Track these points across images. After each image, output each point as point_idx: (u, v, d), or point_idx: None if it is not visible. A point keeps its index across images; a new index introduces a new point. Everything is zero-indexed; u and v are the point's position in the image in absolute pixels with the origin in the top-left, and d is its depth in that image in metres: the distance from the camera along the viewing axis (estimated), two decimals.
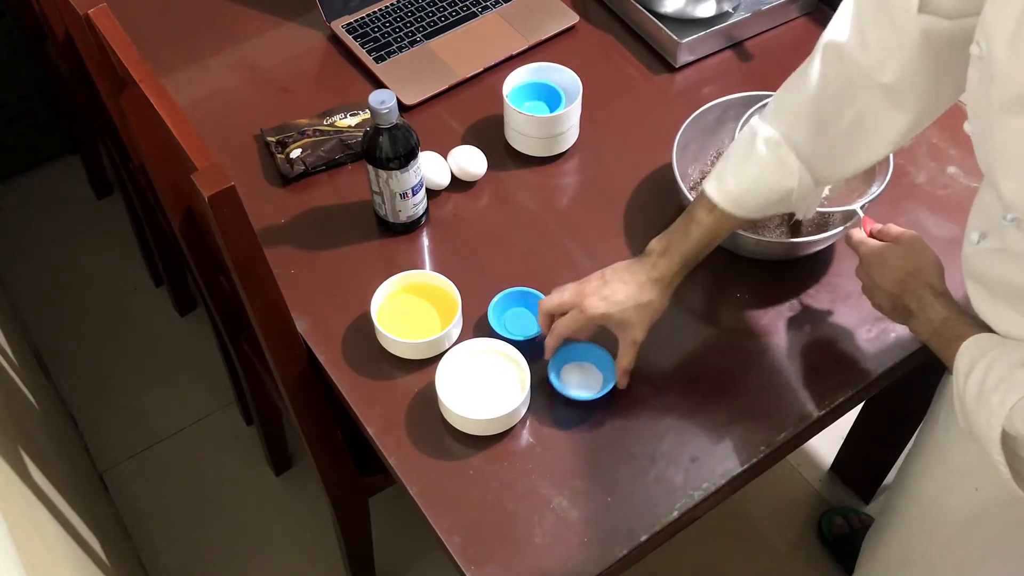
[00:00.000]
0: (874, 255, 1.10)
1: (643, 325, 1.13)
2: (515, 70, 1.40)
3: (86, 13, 1.10)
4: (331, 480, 1.47)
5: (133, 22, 1.55)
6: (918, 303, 1.05)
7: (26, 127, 2.35)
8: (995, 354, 0.93)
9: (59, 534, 1.34)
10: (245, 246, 1.04)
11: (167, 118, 1.03)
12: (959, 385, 0.96)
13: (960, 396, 0.96)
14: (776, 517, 1.90)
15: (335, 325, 1.24)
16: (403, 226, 1.32)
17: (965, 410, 0.96)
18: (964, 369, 0.96)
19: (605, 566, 1.05)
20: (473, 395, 1.13)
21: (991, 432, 0.91)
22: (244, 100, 1.50)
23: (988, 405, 0.91)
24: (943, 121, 1.44)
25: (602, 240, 1.32)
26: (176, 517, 1.92)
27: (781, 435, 1.15)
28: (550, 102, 1.41)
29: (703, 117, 1.32)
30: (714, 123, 1.35)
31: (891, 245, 1.10)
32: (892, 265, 1.08)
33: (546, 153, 1.40)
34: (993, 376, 0.92)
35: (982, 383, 0.93)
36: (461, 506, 1.09)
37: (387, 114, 1.18)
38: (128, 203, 2.04)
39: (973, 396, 0.93)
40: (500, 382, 1.14)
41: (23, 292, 2.25)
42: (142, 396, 2.08)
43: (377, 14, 1.57)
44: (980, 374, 0.93)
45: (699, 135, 1.34)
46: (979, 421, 0.93)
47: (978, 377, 0.93)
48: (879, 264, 1.09)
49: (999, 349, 0.94)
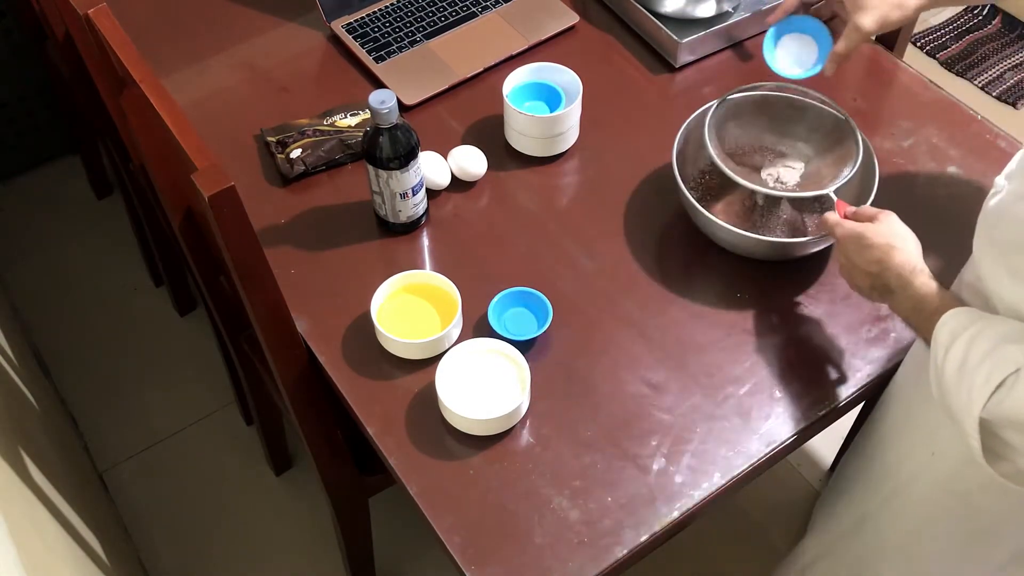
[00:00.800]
0: (852, 235, 1.10)
1: (876, 13, 1.11)
2: (515, 70, 1.40)
3: (86, 13, 1.10)
4: (331, 480, 1.47)
5: (133, 22, 1.55)
6: (897, 280, 1.05)
7: (26, 127, 2.35)
8: (978, 328, 0.93)
9: (59, 534, 1.34)
10: (245, 246, 1.04)
11: (167, 118, 1.03)
12: (938, 358, 0.96)
13: (938, 369, 0.96)
14: (776, 517, 1.90)
15: (335, 325, 1.24)
16: (403, 226, 1.32)
17: (943, 383, 0.96)
18: (944, 342, 0.96)
19: (605, 566, 1.05)
20: (473, 395, 1.13)
21: (971, 407, 0.91)
22: (244, 100, 1.50)
23: (971, 381, 0.91)
24: (943, 121, 1.45)
25: (602, 240, 1.32)
26: (176, 517, 1.92)
27: (780, 436, 1.15)
28: (550, 102, 1.41)
29: (703, 117, 1.32)
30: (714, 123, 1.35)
31: (868, 224, 1.10)
32: (870, 244, 1.08)
33: (546, 153, 1.40)
34: (977, 351, 0.92)
35: (964, 358, 0.93)
36: (461, 506, 1.09)
37: (387, 114, 1.18)
38: (128, 203, 2.04)
39: (953, 370, 0.93)
40: (500, 382, 1.14)
41: (23, 292, 2.25)
42: (142, 396, 2.08)
43: (377, 14, 1.57)
44: (962, 348, 0.93)
45: (699, 135, 1.33)
46: (958, 396, 0.93)
47: (959, 351, 0.93)
48: (857, 244, 1.09)
49: (982, 323, 0.94)
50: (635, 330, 1.23)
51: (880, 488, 1.24)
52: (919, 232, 1.10)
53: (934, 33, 2.78)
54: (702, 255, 1.31)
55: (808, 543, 1.47)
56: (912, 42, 2.73)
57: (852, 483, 1.32)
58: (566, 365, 1.20)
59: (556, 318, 1.22)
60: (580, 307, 1.25)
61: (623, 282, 1.28)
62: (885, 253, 1.06)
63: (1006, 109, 2.61)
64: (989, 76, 2.67)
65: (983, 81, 2.66)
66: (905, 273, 1.05)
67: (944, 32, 2.78)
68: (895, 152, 1.41)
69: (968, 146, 1.42)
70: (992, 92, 2.63)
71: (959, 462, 1.07)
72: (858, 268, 1.09)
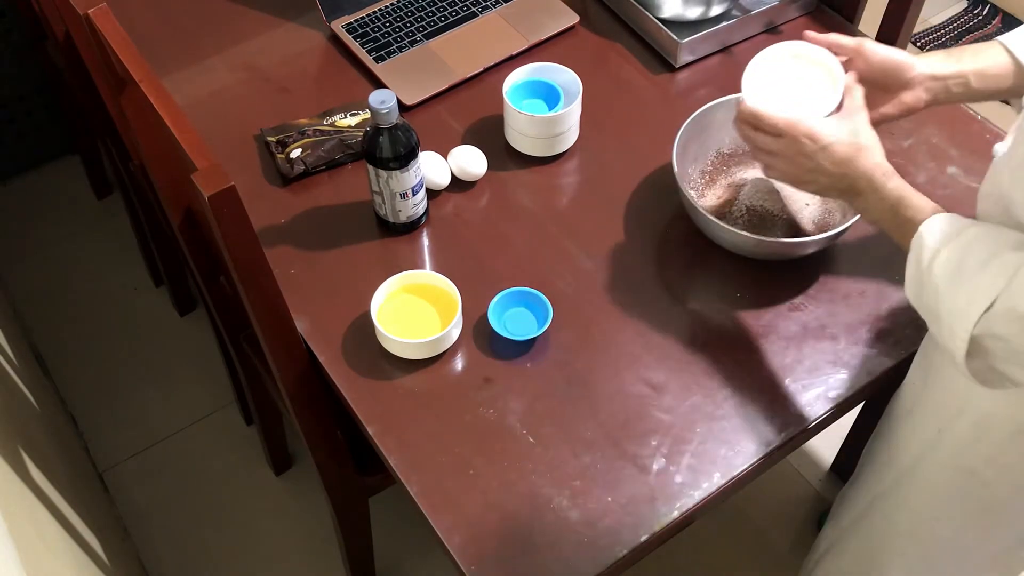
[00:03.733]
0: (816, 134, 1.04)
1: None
2: (515, 70, 1.40)
3: (86, 13, 1.10)
4: (331, 480, 1.47)
5: (133, 22, 1.55)
6: (868, 183, 1.03)
7: (26, 127, 2.35)
8: (974, 232, 0.92)
9: (59, 534, 1.34)
10: (245, 246, 1.04)
11: (167, 118, 1.03)
12: (923, 260, 0.95)
13: (923, 271, 0.95)
14: (776, 517, 1.90)
15: (335, 325, 1.24)
16: (403, 226, 1.32)
17: (926, 285, 0.94)
18: (932, 244, 0.94)
19: (605, 566, 1.05)
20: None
21: (969, 310, 0.89)
22: (244, 100, 1.50)
23: (974, 283, 0.89)
24: (943, 121, 1.45)
25: (602, 240, 1.32)
26: (176, 517, 1.92)
27: (781, 435, 1.15)
28: (550, 101, 1.41)
29: (703, 117, 1.32)
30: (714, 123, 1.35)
31: (832, 122, 1.06)
32: (838, 144, 1.04)
33: (546, 153, 1.40)
34: (974, 256, 0.90)
35: (960, 261, 0.91)
36: (461, 506, 1.09)
37: (387, 114, 1.18)
38: (128, 203, 2.04)
39: (947, 274, 0.92)
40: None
41: (23, 292, 2.25)
42: (142, 396, 2.08)
43: (377, 14, 1.57)
44: (956, 252, 0.92)
45: (699, 135, 1.34)
46: (953, 299, 0.91)
47: (953, 255, 0.92)
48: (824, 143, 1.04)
49: (977, 228, 0.93)
50: (635, 330, 1.23)
51: (889, 471, 1.24)
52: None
53: (934, 33, 2.78)
54: (702, 255, 1.31)
55: (823, 534, 1.48)
56: (912, 42, 2.73)
57: (862, 470, 1.33)
58: (566, 365, 1.20)
59: (556, 318, 1.22)
60: (580, 307, 1.25)
61: (623, 282, 1.28)
62: (854, 153, 1.04)
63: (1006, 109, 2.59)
64: None
65: None
66: (877, 175, 1.03)
67: (944, 32, 2.78)
68: (895, 152, 1.41)
69: (968, 146, 1.42)
70: None
71: (965, 438, 1.07)
72: (818, 167, 1.05)
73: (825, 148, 1.04)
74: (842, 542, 1.41)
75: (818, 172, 1.06)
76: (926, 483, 1.17)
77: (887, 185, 1.03)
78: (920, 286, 0.96)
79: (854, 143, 1.05)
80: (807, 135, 1.05)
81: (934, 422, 1.12)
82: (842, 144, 1.04)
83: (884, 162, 1.05)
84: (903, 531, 1.25)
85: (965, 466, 1.10)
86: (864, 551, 1.34)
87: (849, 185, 1.05)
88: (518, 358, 1.21)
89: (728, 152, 1.38)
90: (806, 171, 1.07)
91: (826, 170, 1.05)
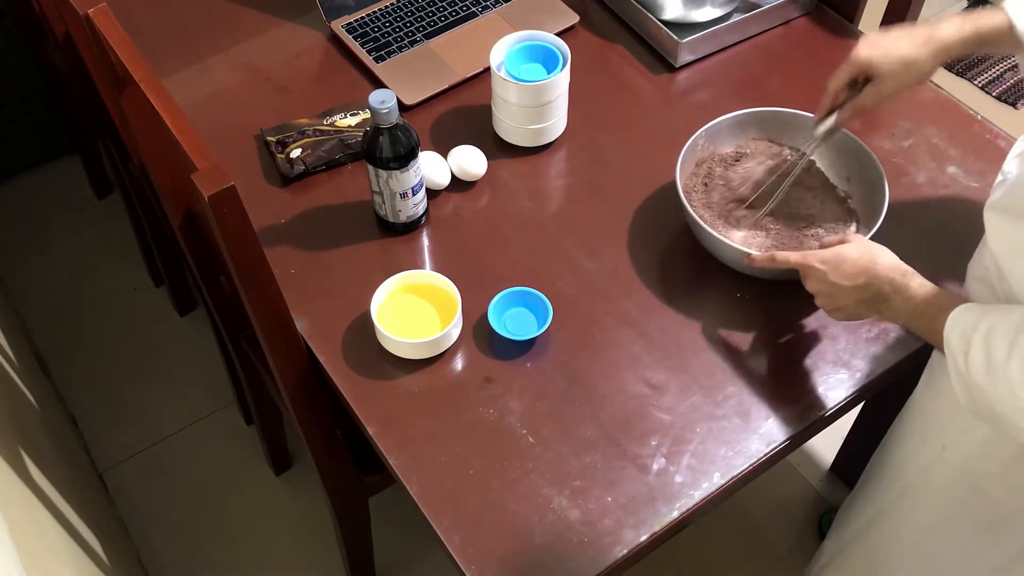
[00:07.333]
0: (829, 256, 1.08)
1: (896, 81, 1.12)
2: (498, 41, 1.36)
3: (86, 13, 1.10)
4: (331, 480, 1.47)
5: (133, 22, 1.55)
6: (891, 286, 1.04)
7: (26, 127, 2.35)
8: (989, 322, 0.93)
9: (59, 534, 1.34)
10: (245, 246, 1.04)
11: (167, 118, 1.03)
12: (958, 364, 0.95)
13: (962, 375, 0.95)
14: (776, 517, 1.90)
15: (335, 325, 1.24)
16: (403, 226, 1.32)
17: (972, 388, 0.94)
18: (959, 346, 0.95)
19: (605, 566, 1.05)
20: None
21: (1016, 403, 0.90)
22: (244, 100, 1.50)
23: (1007, 376, 0.90)
24: (943, 121, 1.45)
25: (602, 240, 1.32)
26: (176, 517, 1.92)
27: (780, 436, 1.15)
28: (548, 65, 1.37)
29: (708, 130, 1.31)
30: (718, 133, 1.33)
31: (841, 245, 1.09)
32: (852, 260, 1.06)
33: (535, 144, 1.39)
34: (999, 346, 0.91)
35: (988, 356, 0.91)
36: (461, 506, 1.09)
37: (387, 114, 1.18)
38: (128, 203, 2.04)
39: (981, 371, 0.92)
40: None
41: (23, 292, 2.25)
42: (142, 396, 2.08)
43: (377, 14, 1.57)
44: (981, 348, 0.92)
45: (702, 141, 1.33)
46: (996, 393, 0.92)
47: (980, 352, 0.92)
48: (837, 262, 1.07)
49: (991, 317, 0.93)
50: (635, 330, 1.23)
51: (893, 485, 1.24)
52: (919, 232, 1.10)
53: None
54: (702, 255, 1.30)
55: (826, 545, 1.47)
56: None
57: (867, 482, 1.33)
58: (566, 365, 1.20)
59: (556, 318, 1.22)
60: (580, 307, 1.25)
61: (623, 282, 1.28)
62: (869, 263, 1.06)
63: (1006, 109, 2.61)
64: (989, 76, 2.67)
65: (983, 81, 2.66)
66: (897, 277, 1.04)
67: None
68: (895, 152, 1.41)
69: (968, 146, 1.42)
70: (992, 92, 2.63)
71: (970, 455, 1.07)
72: (841, 287, 1.07)
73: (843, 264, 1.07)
74: (845, 554, 1.40)
75: (838, 290, 1.08)
76: (932, 498, 1.17)
77: (910, 285, 1.03)
78: (967, 391, 0.96)
79: (866, 254, 1.06)
80: (820, 260, 1.08)
81: (939, 438, 1.12)
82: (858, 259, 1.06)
83: (900, 264, 1.05)
84: (907, 545, 1.24)
85: (971, 482, 1.10)
86: (867, 564, 1.34)
87: (875, 293, 1.05)
88: (518, 358, 1.21)
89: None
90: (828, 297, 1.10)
91: (849, 286, 1.07)
